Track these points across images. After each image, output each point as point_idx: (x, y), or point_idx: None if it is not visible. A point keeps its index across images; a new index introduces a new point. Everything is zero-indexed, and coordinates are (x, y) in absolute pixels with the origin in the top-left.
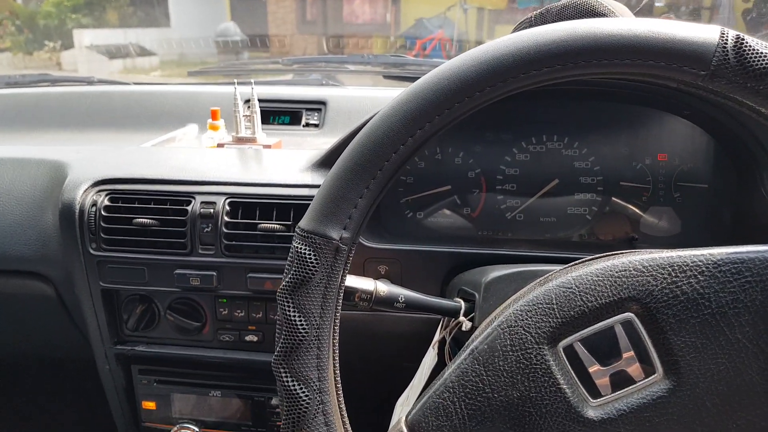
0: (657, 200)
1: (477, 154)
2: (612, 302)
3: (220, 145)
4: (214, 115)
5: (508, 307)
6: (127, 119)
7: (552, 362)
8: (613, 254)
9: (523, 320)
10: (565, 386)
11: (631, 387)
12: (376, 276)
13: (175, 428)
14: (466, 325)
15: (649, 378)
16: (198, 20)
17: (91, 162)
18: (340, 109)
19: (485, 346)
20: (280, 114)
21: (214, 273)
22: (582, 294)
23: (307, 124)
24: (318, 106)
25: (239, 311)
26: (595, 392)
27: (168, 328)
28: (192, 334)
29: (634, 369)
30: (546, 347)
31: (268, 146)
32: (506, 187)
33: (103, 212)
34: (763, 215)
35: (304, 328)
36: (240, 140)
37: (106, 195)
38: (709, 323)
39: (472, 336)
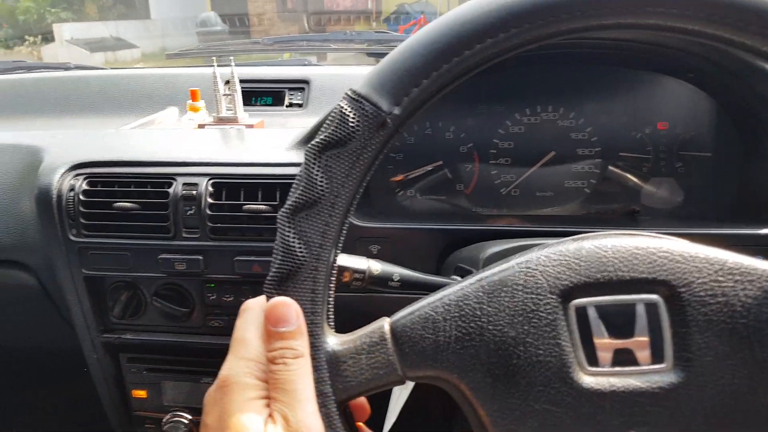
0: (658, 171)
1: (469, 128)
2: (644, 279)
3: (200, 126)
4: (193, 96)
5: (531, 251)
6: (105, 104)
7: (559, 316)
8: (660, 236)
9: (544, 266)
10: (564, 344)
11: (632, 368)
12: (368, 257)
13: (168, 416)
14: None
15: (655, 365)
16: (178, 11)
17: (67, 146)
18: (324, 88)
19: (496, 278)
20: (262, 94)
21: (200, 257)
22: (615, 261)
23: (291, 104)
24: (301, 85)
25: (228, 296)
26: (592, 360)
27: (155, 314)
28: (180, 320)
29: (643, 352)
30: (558, 300)
31: (250, 126)
32: (500, 161)
33: (81, 197)
34: None
35: (324, 188)
36: (221, 120)
37: (84, 179)
38: (740, 334)
39: (483, 268)
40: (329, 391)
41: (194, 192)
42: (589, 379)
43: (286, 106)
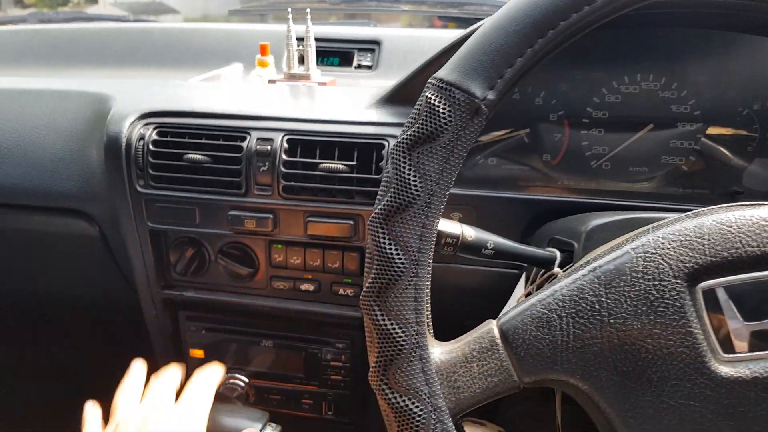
0: (764, 151)
1: (561, 95)
2: None
3: (271, 82)
4: (263, 51)
5: (645, 233)
6: (168, 57)
7: (687, 302)
8: None
9: (664, 249)
10: (696, 331)
11: None
12: None
13: (223, 378)
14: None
15: None
16: None
17: (136, 94)
18: (396, 50)
19: (611, 267)
20: (330, 54)
21: (270, 216)
22: (742, 235)
23: (359, 66)
24: (371, 46)
25: (295, 258)
26: (728, 347)
27: (218, 273)
28: (244, 280)
29: None
30: (684, 284)
31: (323, 84)
32: (593, 131)
33: (151, 146)
34: None
35: (418, 189)
36: (292, 77)
37: (154, 128)
38: None
39: (593, 254)
40: (443, 405)
41: (269, 147)
42: (726, 368)
43: (355, 68)
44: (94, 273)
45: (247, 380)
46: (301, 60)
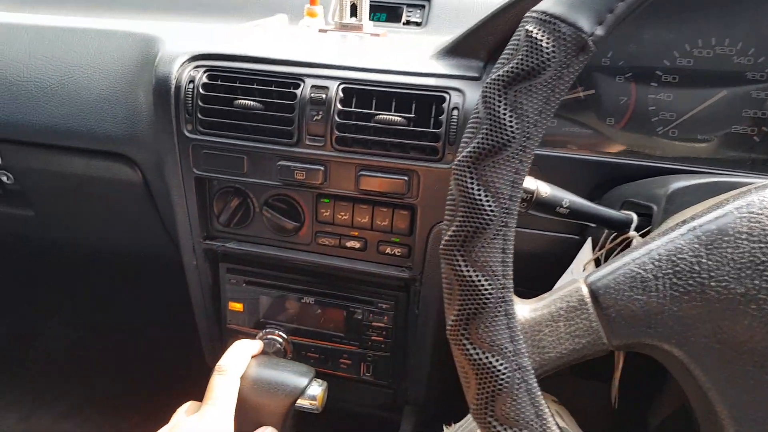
0: None
1: (629, 56)
2: None
3: (321, 32)
4: (312, 0)
5: (748, 192)
6: (210, 6)
7: None
8: None
9: None
10: None
11: None
12: None
13: (261, 333)
14: (638, 241)
15: None
16: None
17: (185, 37)
18: (447, 7)
19: (713, 227)
20: (377, 9)
21: (322, 168)
22: None
23: (408, 22)
24: (421, 2)
25: (342, 214)
26: None
27: (262, 226)
28: (288, 234)
29: None
30: None
31: (375, 36)
32: (661, 96)
33: (201, 90)
34: None
35: (514, 130)
36: (344, 27)
37: (205, 71)
38: None
39: (688, 214)
40: (527, 364)
41: (323, 96)
42: None
43: (403, 24)
44: (135, 221)
45: (285, 336)
46: (353, 11)
